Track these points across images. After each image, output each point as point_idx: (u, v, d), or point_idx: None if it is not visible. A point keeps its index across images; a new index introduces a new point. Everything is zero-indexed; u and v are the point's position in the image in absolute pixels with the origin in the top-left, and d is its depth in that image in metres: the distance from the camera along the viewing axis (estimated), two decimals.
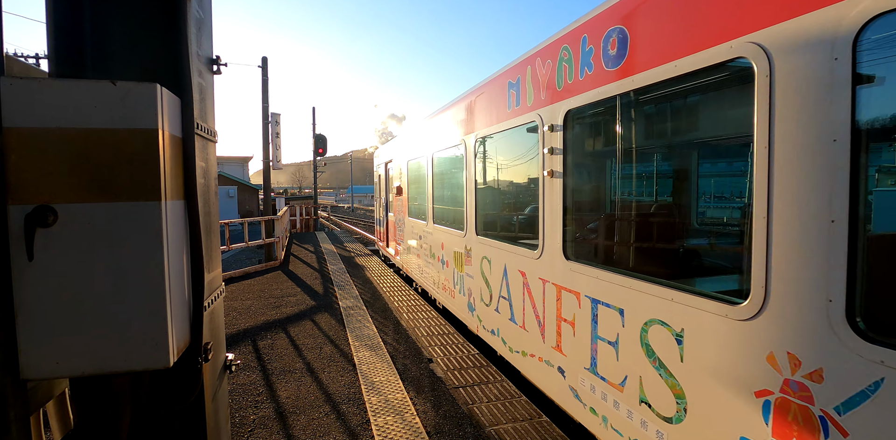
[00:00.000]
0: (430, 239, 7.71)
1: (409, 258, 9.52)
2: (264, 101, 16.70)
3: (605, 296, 3.07)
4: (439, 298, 7.54)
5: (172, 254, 1.28)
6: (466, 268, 5.99)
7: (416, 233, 8.69)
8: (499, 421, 3.88)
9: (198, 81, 1.59)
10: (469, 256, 5.87)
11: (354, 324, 6.79)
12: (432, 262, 7.70)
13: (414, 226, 8.89)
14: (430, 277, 7.86)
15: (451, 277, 6.70)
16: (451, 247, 6.64)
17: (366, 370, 5.02)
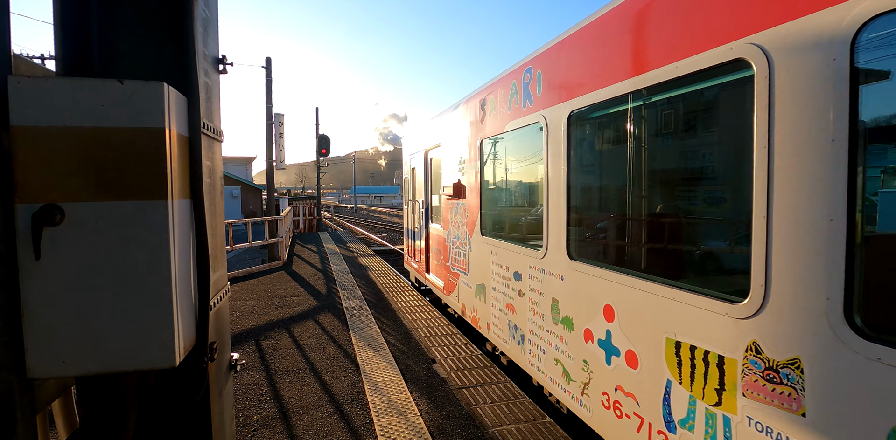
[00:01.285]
0: (567, 289, 3.70)
1: (486, 308, 5.44)
2: (268, 101, 16.74)
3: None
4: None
5: (179, 253, 1.28)
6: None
7: (508, 268, 4.77)
8: (502, 422, 3.87)
9: (204, 81, 1.59)
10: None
11: (357, 324, 6.78)
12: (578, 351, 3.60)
13: (502, 257, 4.94)
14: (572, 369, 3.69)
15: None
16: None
17: (369, 370, 5.01)
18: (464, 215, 6.12)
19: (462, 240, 6.22)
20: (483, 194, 5.54)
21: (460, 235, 6.29)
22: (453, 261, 6.65)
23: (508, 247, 4.75)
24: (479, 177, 5.59)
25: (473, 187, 5.77)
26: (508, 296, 4.79)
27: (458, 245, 6.37)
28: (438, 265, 7.54)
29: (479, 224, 5.58)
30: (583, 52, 3.43)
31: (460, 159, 6.26)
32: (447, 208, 6.86)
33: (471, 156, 5.86)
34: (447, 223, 6.87)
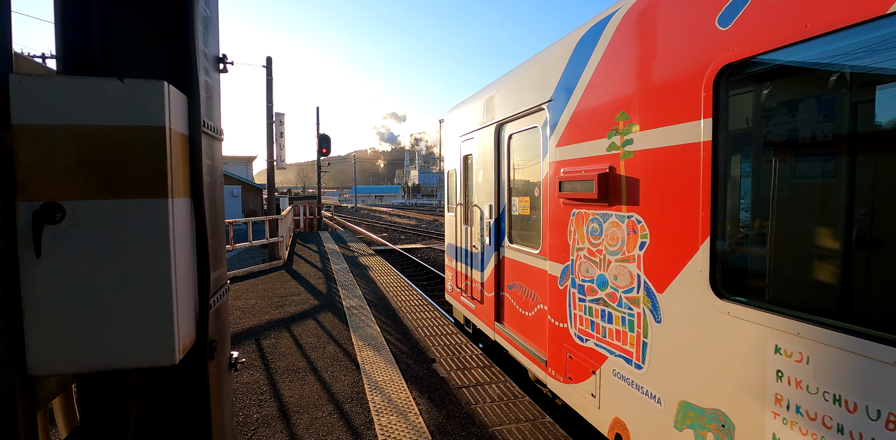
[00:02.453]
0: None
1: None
2: (269, 100, 16.75)
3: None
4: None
5: (179, 251, 1.29)
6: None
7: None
8: (502, 421, 3.87)
9: (204, 79, 1.59)
10: None
11: (358, 323, 6.79)
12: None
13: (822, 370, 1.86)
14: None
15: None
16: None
17: (369, 370, 5.02)
18: (629, 240, 2.97)
19: (622, 292, 3.06)
20: (726, 199, 2.41)
21: (615, 280, 3.08)
22: (582, 322, 3.47)
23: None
24: (712, 154, 2.37)
25: (689, 181, 2.51)
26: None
27: (608, 299, 3.18)
28: (527, 319, 4.42)
29: (714, 267, 2.40)
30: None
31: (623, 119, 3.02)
32: (561, 221, 3.67)
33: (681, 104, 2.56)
34: (561, 251, 3.69)
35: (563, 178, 3.54)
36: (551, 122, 3.79)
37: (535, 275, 4.24)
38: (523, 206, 4.65)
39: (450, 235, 7.05)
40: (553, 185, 3.72)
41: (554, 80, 3.79)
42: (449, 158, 7.05)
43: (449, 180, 7.16)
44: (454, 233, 6.74)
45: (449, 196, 7.20)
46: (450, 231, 7.05)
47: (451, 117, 6.93)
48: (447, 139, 7.14)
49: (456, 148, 6.64)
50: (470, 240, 6.02)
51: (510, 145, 4.87)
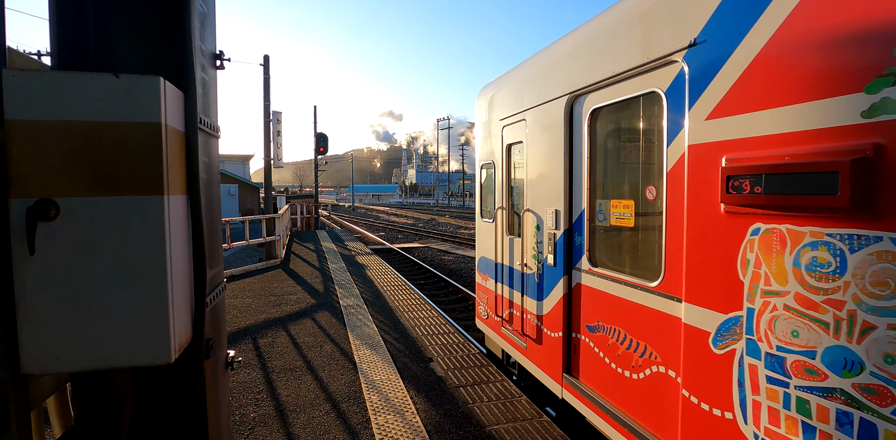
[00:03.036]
0: None
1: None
2: (266, 99, 16.70)
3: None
4: None
5: (174, 249, 1.27)
6: None
7: None
8: (499, 420, 3.87)
9: (201, 76, 1.58)
10: None
11: (355, 322, 6.78)
12: None
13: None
14: None
15: None
16: None
17: (366, 369, 5.01)
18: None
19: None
20: None
21: (878, 359, 1.66)
22: (777, 421, 2.02)
23: None
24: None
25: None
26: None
27: (861, 395, 1.71)
28: (628, 382, 3.07)
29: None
30: None
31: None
32: (722, 242, 2.28)
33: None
34: (720, 291, 2.28)
35: (731, 168, 2.15)
36: (695, 79, 2.41)
37: (646, 320, 2.86)
38: (621, 213, 3.22)
39: (485, 247, 5.49)
40: (701, 182, 2.36)
41: (701, 10, 2.37)
42: (482, 150, 5.57)
43: (484, 177, 5.66)
44: (492, 246, 5.18)
45: (483, 198, 5.73)
46: (485, 242, 5.48)
47: (487, 97, 5.39)
48: (479, 126, 5.65)
49: (493, 136, 5.15)
50: (518, 257, 4.53)
51: (593, 125, 3.45)
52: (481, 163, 5.71)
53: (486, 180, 5.66)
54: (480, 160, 5.74)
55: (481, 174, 5.80)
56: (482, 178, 5.76)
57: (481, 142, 5.64)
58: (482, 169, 5.71)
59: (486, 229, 5.55)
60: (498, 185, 5.11)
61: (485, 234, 5.59)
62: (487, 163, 5.45)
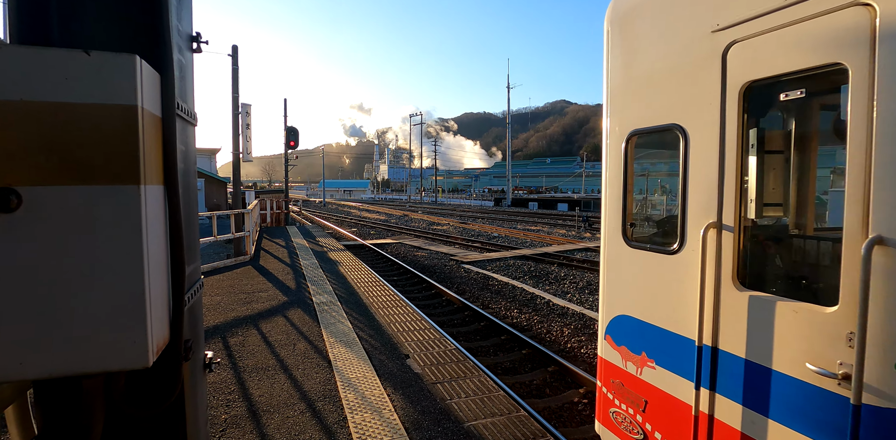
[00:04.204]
0: None
1: None
2: (234, 91, 16.18)
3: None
4: None
5: (151, 243, 1.18)
6: None
7: None
8: (477, 416, 3.86)
9: (178, 58, 1.47)
10: None
11: (328, 320, 6.65)
12: None
13: None
14: None
15: None
16: None
17: (341, 366, 4.91)
18: None
19: None
20: None
21: None
22: None
23: None
24: None
25: None
26: None
27: None
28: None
29: None
30: None
31: None
32: None
33: None
34: None
35: None
36: None
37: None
38: None
39: (635, 298, 2.93)
40: None
41: None
42: (626, 104, 3.02)
43: (624, 159, 3.02)
44: (669, 303, 2.67)
45: (624, 198, 3.03)
46: (638, 286, 2.90)
47: (635, 14, 2.93)
48: (621, 55, 3.05)
49: (683, 69, 2.63)
50: (821, 354, 1.90)
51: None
52: (620, 131, 3.00)
53: (628, 165, 2.99)
54: (618, 127, 3.03)
55: (614, 153, 3.06)
56: (618, 162, 3.03)
57: (625, 89, 3.00)
58: (623, 143, 2.98)
59: (641, 263, 2.85)
60: (701, 173, 2.44)
61: (636, 272, 2.90)
62: (647, 130, 2.83)
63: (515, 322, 8.98)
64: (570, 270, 13.85)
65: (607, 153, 3.13)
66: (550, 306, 9.90)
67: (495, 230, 26.06)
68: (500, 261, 15.28)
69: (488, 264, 14.85)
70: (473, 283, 12.21)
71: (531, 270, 13.66)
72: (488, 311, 9.57)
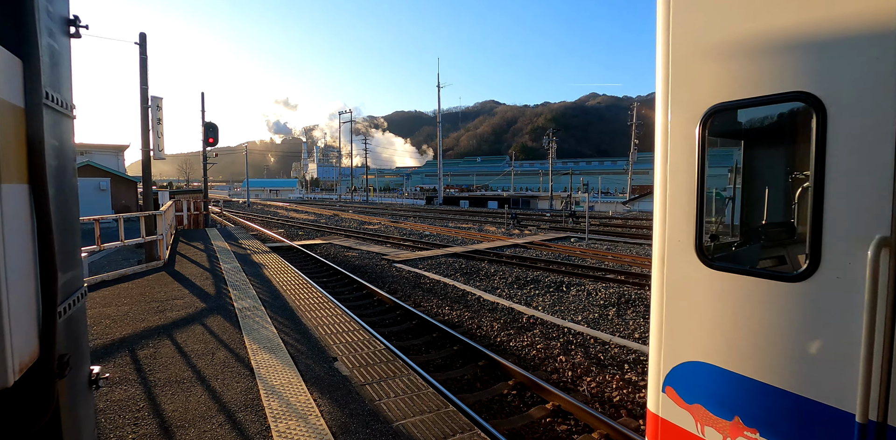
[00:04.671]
0: None
1: None
2: (143, 82, 14.94)
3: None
4: None
5: (10, 248, 1.04)
6: None
7: None
8: (406, 415, 3.85)
9: (48, 42, 1.32)
10: None
11: (251, 326, 6.34)
12: None
13: None
14: None
15: None
16: None
17: (265, 374, 4.70)
18: None
19: None
20: None
21: None
22: None
23: None
24: None
25: None
26: None
27: None
28: None
29: None
30: None
31: None
32: None
33: None
34: None
35: None
36: None
37: None
38: None
39: (715, 335, 2.12)
40: None
41: None
42: (692, 88, 2.20)
43: (694, 150, 2.20)
44: (762, 337, 1.95)
45: (700, 203, 2.19)
46: (714, 319, 2.12)
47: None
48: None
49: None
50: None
51: None
52: (689, 109, 2.22)
53: (702, 155, 2.21)
54: (685, 105, 2.25)
55: (679, 140, 2.28)
56: (686, 151, 2.25)
57: (703, 51, 2.19)
58: (697, 125, 2.19)
59: (733, 291, 2.08)
60: (854, 165, 1.72)
61: (723, 303, 2.11)
62: (740, 104, 2.07)
63: (447, 319, 9.08)
64: (500, 266, 14.22)
65: (665, 141, 2.29)
66: (481, 302, 10.11)
67: (427, 228, 26.16)
68: (431, 260, 15.37)
69: (420, 263, 14.88)
70: (405, 282, 12.19)
71: (462, 267, 13.87)
72: (420, 310, 9.59)
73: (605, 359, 6.91)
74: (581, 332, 8.03)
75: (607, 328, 8.39)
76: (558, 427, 5.05)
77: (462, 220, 34.03)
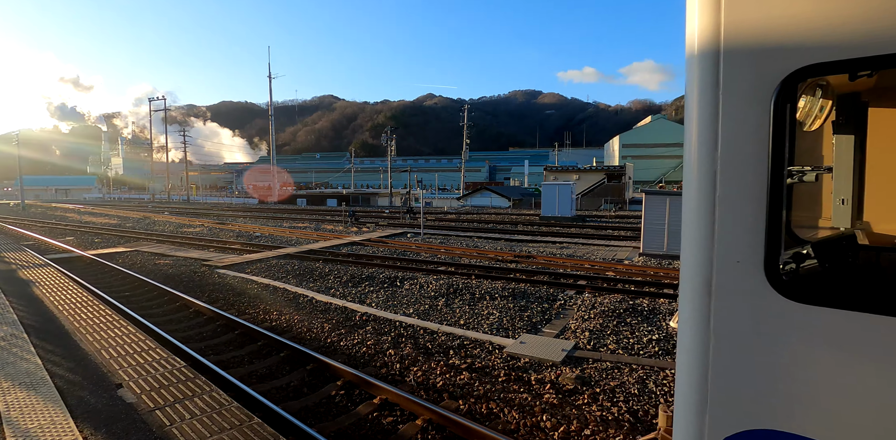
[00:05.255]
0: None
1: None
2: None
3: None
4: None
5: None
6: None
7: None
8: (203, 436, 3.47)
9: None
10: None
11: (6, 359, 5.07)
12: None
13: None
14: None
15: None
16: None
17: (16, 417, 3.79)
18: None
19: None
20: None
21: None
22: None
23: None
24: None
25: None
26: None
27: None
28: None
29: None
30: None
31: None
32: None
33: None
34: None
35: None
36: None
37: None
38: None
39: (803, 395, 1.45)
40: None
41: None
42: (763, 49, 1.45)
43: (766, 129, 1.46)
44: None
45: (777, 206, 1.47)
46: (805, 375, 1.45)
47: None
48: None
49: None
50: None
51: None
52: (755, 75, 1.48)
53: (781, 135, 1.46)
54: (750, 69, 1.49)
55: (735, 117, 1.52)
56: (751, 132, 1.50)
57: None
58: (770, 95, 1.44)
59: (839, 334, 1.41)
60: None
61: (824, 353, 1.44)
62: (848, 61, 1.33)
63: (275, 325, 8.53)
64: (336, 265, 13.91)
65: (708, 129, 1.57)
66: (314, 303, 9.75)
67: (258, 229, 24.33)
68: (261, 263, 14.33)
69: (248, 267, 13.76)
70: (229, 289, 11.12)
71: (295, 269, 13.21)
72: (245, 318, 8.84)
73: (432, 347, 7.22)
74: (412, 324, 8.27)
75: (436, 318, 8.80)
76: (384, 419, 5.10)
77: (298, 219, 32.50)
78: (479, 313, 9.04)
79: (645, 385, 5.87)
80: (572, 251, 16.98)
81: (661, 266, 13.97)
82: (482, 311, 9.13)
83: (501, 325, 8.36)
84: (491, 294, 10.23)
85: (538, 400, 5.41)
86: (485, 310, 9.18)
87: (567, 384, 5.85)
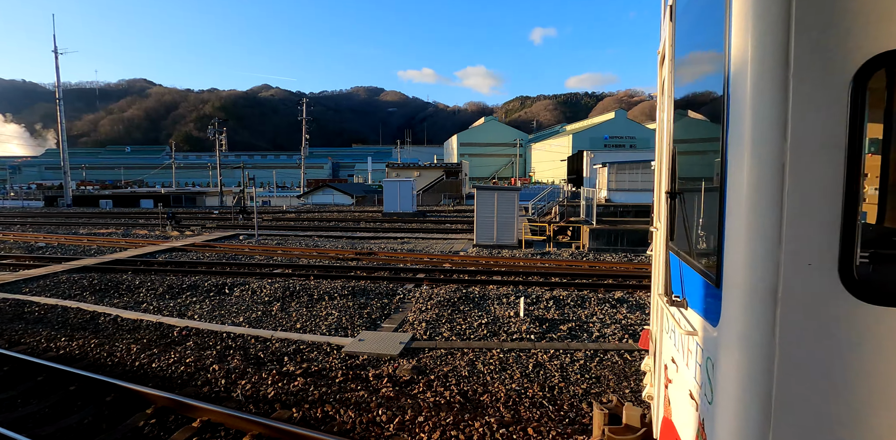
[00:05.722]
0: None
1: None
2: None
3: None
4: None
5: None
6: None
7: None
8: None
9: None
10: None
11: None
12: None
13: None
14: None
15: None
16: None
17: None
18: None
19: None
20: None
21: None
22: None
23: None
24: None
25: None
26: None
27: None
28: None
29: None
30: None
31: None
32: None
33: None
34: None
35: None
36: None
37: None
38: None
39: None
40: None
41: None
42: (826, 32, 1.35)
43: (842, 122, 1.35)
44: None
45: (854, 200, 1.36)
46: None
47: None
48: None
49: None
50: None
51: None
52: (826, 61, 1.36)
53: (859, 129, 1.35)
54: (819, 54, 1.36)
55: (804, 111, 1.38)
56: (825, 125, 1.37)
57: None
58: (847, 83, 1.34)
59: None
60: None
61: (882, 355, 1.35)
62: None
63: (62, 354, 7.09)
64: (149, 276, 12.14)
65: (776, 119, 1.38)
66: (118, 323, 8.36)
67: (43, 238, 19.95)
68: (46, 279, 11.80)
69: (26, 285, 11.21)
70: None
71: (95, 283, 11.16)
72: (18, 349, 7.16)
73: (264, 356, 6.77)
74: (242, 334, 7.65)
75: (270, 324, 8.28)
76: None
77: (101, 224, 27.54)
78: (318, 315, 8.76)
79: (475, 366, 6.35)
80: (413, 246, 17.53)
81: (492, 255, 15.26)
82: (321, 313, 8.87)
83: (340, 325, 8.22)
84: (330, 294, 9.99)
85: (375, 395, 5.46)
86: (323, 311, 8.93)
87: (404, 375, 6.02)
